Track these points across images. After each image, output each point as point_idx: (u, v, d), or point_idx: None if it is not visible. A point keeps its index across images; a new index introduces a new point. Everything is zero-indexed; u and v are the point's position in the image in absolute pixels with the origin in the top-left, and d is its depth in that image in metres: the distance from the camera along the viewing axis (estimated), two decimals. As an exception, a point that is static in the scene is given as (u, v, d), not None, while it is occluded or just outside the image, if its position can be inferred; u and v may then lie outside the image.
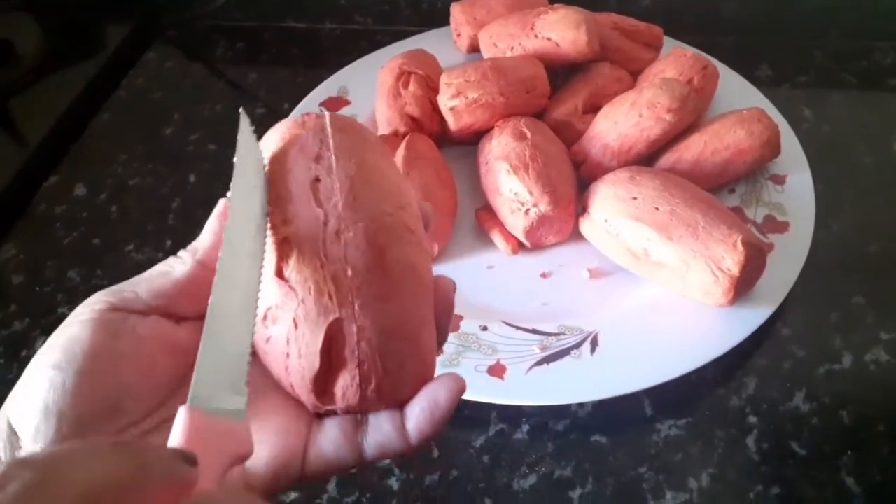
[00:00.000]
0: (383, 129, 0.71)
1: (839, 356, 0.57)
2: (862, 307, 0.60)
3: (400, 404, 0.29)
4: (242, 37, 0.94)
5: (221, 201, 0.32)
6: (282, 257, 0.29)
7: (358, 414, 0.30)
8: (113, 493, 0.20)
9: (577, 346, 0.56)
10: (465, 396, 0.53)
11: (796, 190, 0.65)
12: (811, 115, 0.77)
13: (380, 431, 0.29)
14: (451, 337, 0.57)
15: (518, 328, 0.58)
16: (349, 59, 0.82)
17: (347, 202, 0.29)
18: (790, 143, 0.68)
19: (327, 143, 0.31)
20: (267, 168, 0.32)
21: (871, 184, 0.70)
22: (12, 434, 0.27)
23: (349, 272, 0.28)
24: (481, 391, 0.53)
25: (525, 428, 0.55)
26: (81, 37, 0.94)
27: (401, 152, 0.64)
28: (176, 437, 0.24)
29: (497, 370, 0.54)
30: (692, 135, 0.64)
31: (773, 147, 0.64)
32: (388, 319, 0.28)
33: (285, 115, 0.76)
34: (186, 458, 0.22)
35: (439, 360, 0.54)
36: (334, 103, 0.77)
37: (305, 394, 0.29)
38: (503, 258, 0.64)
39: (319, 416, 0.30)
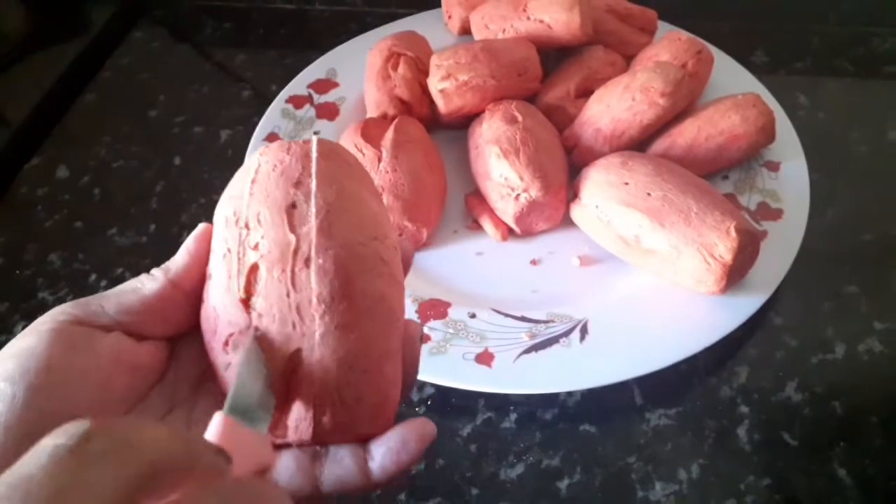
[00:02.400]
0: (372, 112, 0.69)
1: (832, 346, 0.57)
2: (855, 296, 0.60)
3: (356, 438, 0.29)
4: (230, 17, 0.93)
5: (202, 225, 0.31)
6: (249, 283, 0.29)
7: (316, 446, 0.29)
8: (169, 469, 0.21)
9: (567, 333, 0.55)
10: (453, 384, 0.52)
11: (791, 177, 0.64)
12: (807, 101, 0.76)
13: (339, 465, 0.28)
14: (439, 324, 0.56)
15: (507, 315, 0.57)
16: (338, 41, 0.81)
17: (321, 228, 0.28)
18: (785, 129, 0.67)
19: (309, 170, 0.30)
20: (249, 190, 0.31)
21: (866, 171, 0.70)
22: None
23: (313, 300, 0.28)
24: (469, 379, 0.52)
25: (513, 417, 0.54)
26: (66, 15, 0.92)
27: (389, 135, 0.63)
28: (211, 438, 0.25)
29: (485, 358, 0.53)
30: (686, 120, 0.63)
31: (767, 133, 0.63)
32: (350, 350, 0.28)
33: (273, 97, 0.75)
34: (224, 454, 0.23)
35: (425, 347, 0.54)
36: (323, 85, 0.76)
37: None
38: (493, 244, 0.63)
39: (277, 447, 0.29)
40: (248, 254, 0.29)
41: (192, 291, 0.30)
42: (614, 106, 0.62)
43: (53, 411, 0.26)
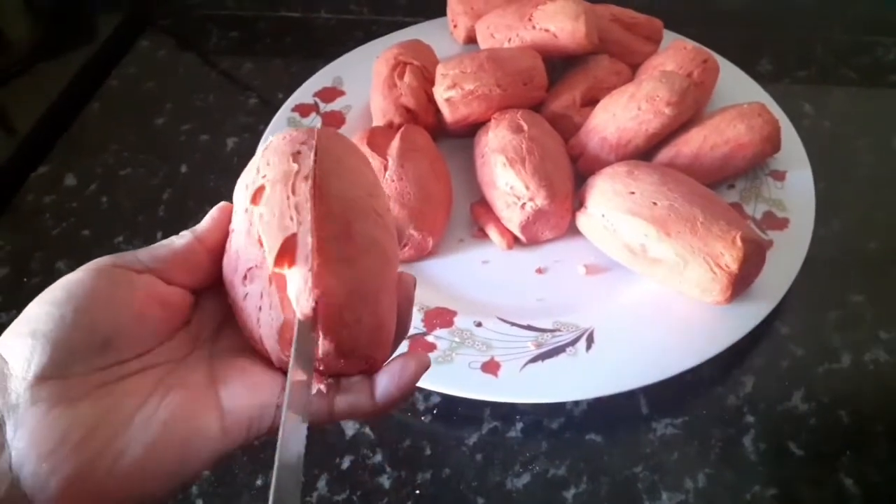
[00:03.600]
0: (378, 121, 0.69)
1: (838, 355, 0.57)
2: (861, 305, 0.60)
3: (358, 358, 0.32)
4: (236, 26, 0.93)
5: (222, 202, 0.35)
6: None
7: (329, 379, 0.33)
8: None
9: (573, 342, 0.55)
10: (459, 393, 0.52)
11: (796, 186, 0.64)
12: (812, 110, 0.76)
13: (350, 393, 0.33)
14: (445, 333, 0.56)
15: (513, 324, 0.57)
16: (344, 49, 0.81)
17: (324, 184, 0.32)
18: (790, 138, 0.67)
19: (313, 137, 0.34)
20: (261, 155, 0.35)
21: (871, 180, 0.70)
22: (3, 362, 0.28)
23: (322, 238, 0.31)
24: (475, 388, 0.52)
25: (519, 426, 0.54)
26: (73, 24, 0.93)
27: (395, 144, 0.63)
28: None
29: (491, 367, 0.53)
30: (691, 129, 0.63)
31: (773, 142, 0.63)
32: (352, 278, 0.31)
33: (279, 105, 0.75)
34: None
35: (433, 356, 0.54)
36: (329, 94, 0.76)
37: (272, 343, 0.32)
38: (498, 253, 0.63)
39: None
40: (256, 204, 0.33)
41: (213, 248, 0.34)
42: (620, 115, 0.63)
43: (95, 332, 0.29)
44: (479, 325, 0.57)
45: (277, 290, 0.32)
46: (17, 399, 0.27)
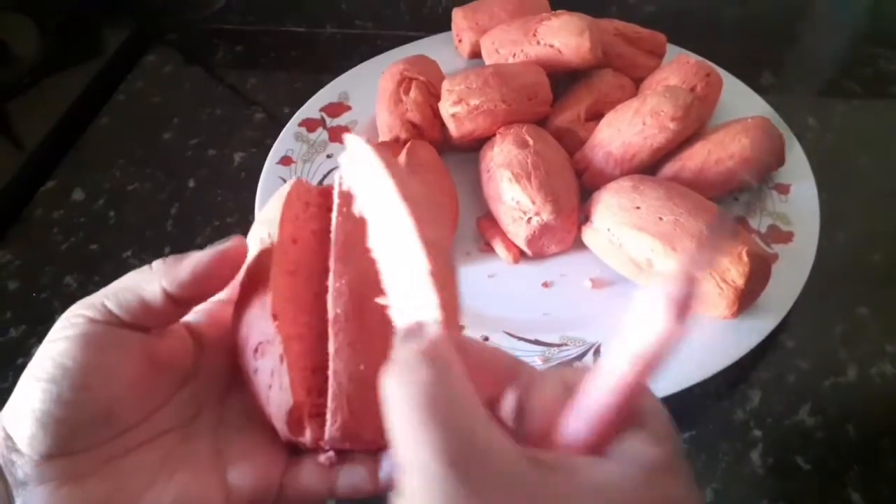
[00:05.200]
0: (384, 136, 0.70)
1: (844, 369, 0.57)
2: (867, 318, 0.60)
3: (364, 444, 0.31)
4: (242, 41, 0.94)
5: (232, 241, 0.32)
6: (277, 301, 0.31)
7: (330, 452, 0.32)
8: None
9: (580, 357, 0.55)
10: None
11: (800, 199, 0.65)
12: (815, 123, 0.76)
13: (354, 474, 0.32)
14: (452, 347, 0.56)
15: (520, 339, 0.57)
16: (349, 64, 0.82)
17: (339, 257, 0.32)
18: (794, 151, 0.67)
19: (329, 201, 0.34)
20: (279, 216, 0.34)
21: (875, 193, 0.70)
22: (8, 438, 0.28)
23: (332, 319, 0.31)
24: (482, 403, 0.52)
25: (526, 440, 0.54)
26: (80, 39, 0.93)
27: (402, 159, 0.64)
28: None
29: (498, 381, 0.54)
30: (696, 143, 0.64)
31: (777, 156, 0.64)
32: (360, 366, 0.31)
33: (285, 119, 0.75)
34: None
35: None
36: (335, 109, 0.77)
37: (280, 424, 0.31)
38: (504, 267, 0.63)
39: (297, 452, 0.33)
40: (282, 272, 0.32)
41: (190, 301, 0.32)
42: (625, 130, 0.63)
43: (95, 407, 0.29)
44: (487, 339, 0.57)
45: (288, 370, 0.30)
46: (26, 477, 0.27)
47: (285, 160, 0.71)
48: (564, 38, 0.68)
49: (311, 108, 0.76)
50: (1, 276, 0.67)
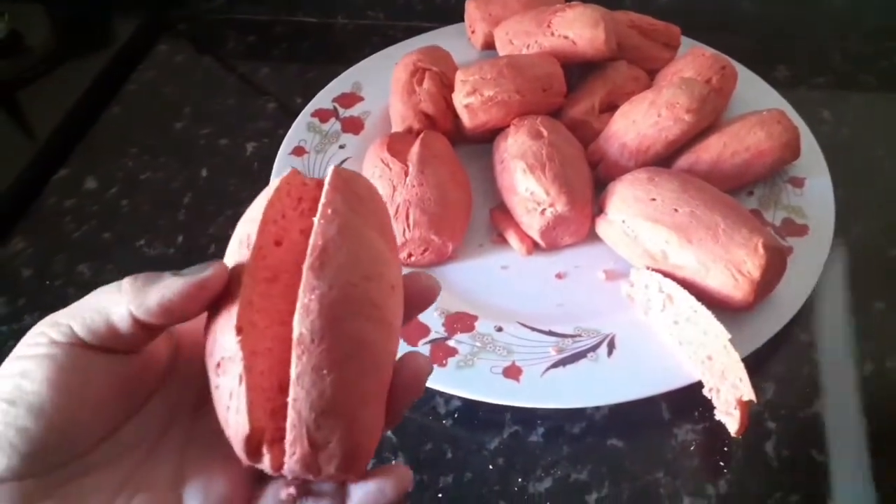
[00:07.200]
0: (397, 126, 0.70)
1: (859, 362, 0.57)
2: (882, 312, 0.60)
3: (327, 478, 0.29)
4: (253, 30, 0.94)
5: (212, 269, 0.29)
6: (244, 313, 0.29)
7: (291, 488, 0.30)
8: None
9: (594, 348, 0.55)
10: (482, 398, 0.52)
11: (815, 193, 0.65)
12: (830, 116, 0.76)
13: (320, 502, 0.30)
14: (466, 337, 0.56)
15: (534, 329, 0.57)
16: (361, 55, 0.81)
17: (313, 267, 0.28)
18: (809, 145, 0.67)
19: (318, 201, 0.30)
20: (260, 216, 0.31)
21: (891, 186, 0.70)
22: None
23: (296, 339, 0.27)
24: (497, 393, 0.53)
25: (540, 430, 0.54)
26: (91, 29, 0.93)
27: (415, 150, 0.63)
28: None
29: (512, 372, 0.54)
30: (711, 136, 0.64)
31: (792, 149, 0.63)
32: (324, 393, 0.27)
33: (297, 109, 0.75)
34: None
35: (454, 360, 0.54)
36: (348, 99, 0.76)
37: (238, 448, 0.28)
38: (518, 258, 0.63)
39: (264, 477, 0.30)
40: (252, 284, 0.29)
41: (158, 329, 0.30)
42: (640, 122, 0.63)
43: (53, 430, 0.27)
44: (500, 329, 0.57)
45: (248, 392, 0.27)
46: None
47: (298, 150, 0.71)
48: (579, 29, 0.68)
49: (323, 98, 0.76)
50: (15, 264, 0.67)
